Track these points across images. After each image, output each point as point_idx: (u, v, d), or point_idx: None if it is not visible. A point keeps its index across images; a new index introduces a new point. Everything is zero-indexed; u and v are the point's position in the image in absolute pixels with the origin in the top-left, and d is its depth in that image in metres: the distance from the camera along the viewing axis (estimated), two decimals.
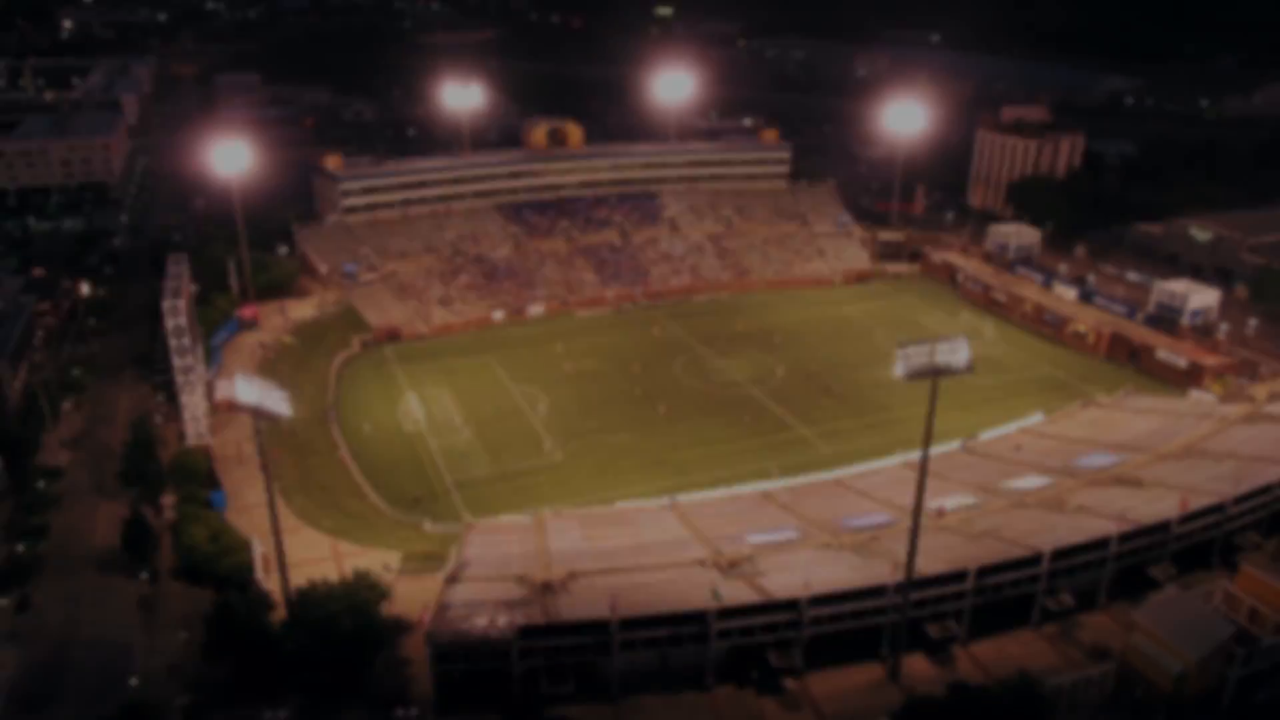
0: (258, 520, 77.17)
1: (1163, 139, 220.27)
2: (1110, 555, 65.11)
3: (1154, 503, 72.07)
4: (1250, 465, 76.95)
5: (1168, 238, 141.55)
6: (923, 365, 56.66)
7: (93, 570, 72.00)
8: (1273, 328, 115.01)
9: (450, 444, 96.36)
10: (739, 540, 73.84)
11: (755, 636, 58.74)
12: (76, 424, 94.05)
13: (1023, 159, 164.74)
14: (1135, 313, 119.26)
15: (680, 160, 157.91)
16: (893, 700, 58.27)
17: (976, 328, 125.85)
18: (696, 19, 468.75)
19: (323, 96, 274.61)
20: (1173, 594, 58.92)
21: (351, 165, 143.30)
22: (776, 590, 61.29)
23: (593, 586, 64.87)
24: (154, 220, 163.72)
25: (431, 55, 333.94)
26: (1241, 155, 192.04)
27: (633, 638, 56.68)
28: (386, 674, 60.68)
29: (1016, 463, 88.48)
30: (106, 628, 65.99)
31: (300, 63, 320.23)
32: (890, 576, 61.06)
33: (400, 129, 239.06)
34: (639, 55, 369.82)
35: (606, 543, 75.27)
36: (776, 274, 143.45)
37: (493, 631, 55.94)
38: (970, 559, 63.09)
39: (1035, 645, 63.56)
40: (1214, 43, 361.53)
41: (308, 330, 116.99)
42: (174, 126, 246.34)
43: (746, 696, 59.04)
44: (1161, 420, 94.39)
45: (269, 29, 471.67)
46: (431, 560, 73.94)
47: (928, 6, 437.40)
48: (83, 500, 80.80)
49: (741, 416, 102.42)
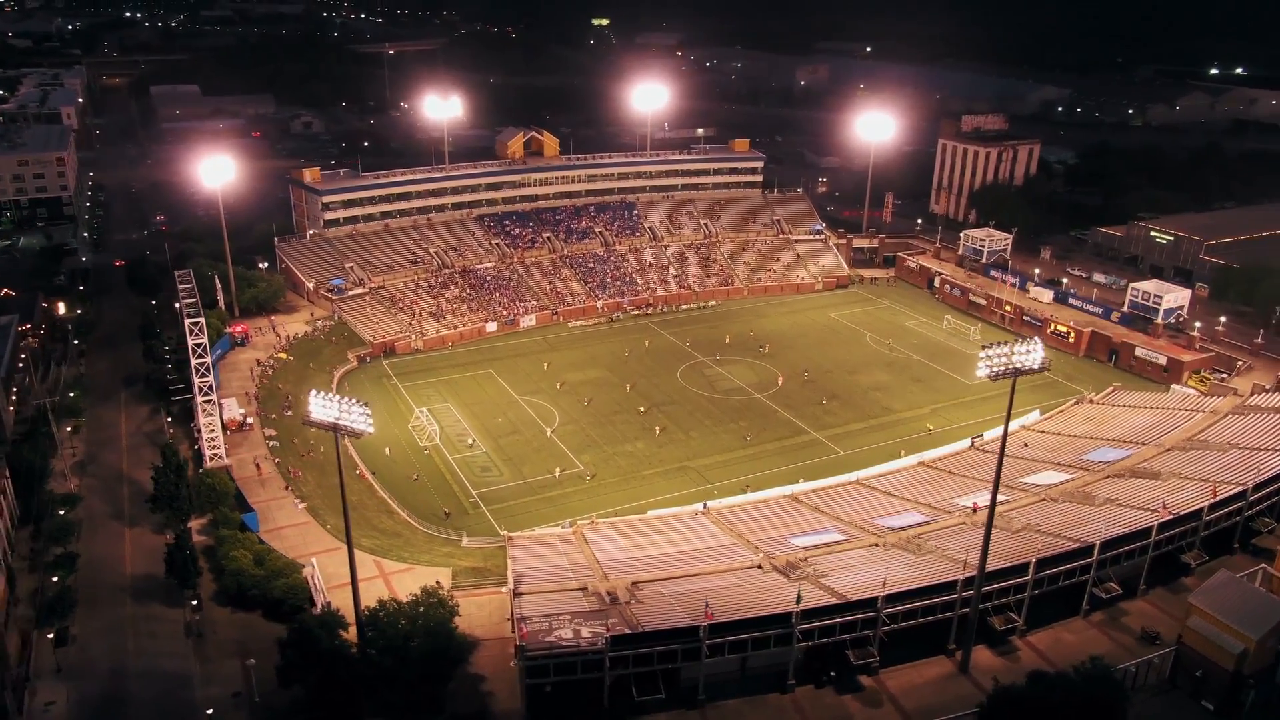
0: (293, 541, 75.93)
1: (1101, 146, 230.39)
2: (1151, 543, 68.07)
3: (1176, 493, 75.51)
4: (1256, 455, 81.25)
5: (1129, 240, 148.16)
6: (1003, 367, 58.39)
7: (129, 599, 69.36)
8: (1241, 324, 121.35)
9: (467, 458, 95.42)
10: (783, 543, 74.94)
11: (834, 636, 59.73)
12: (78, 448, 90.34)
13: (984, 166, 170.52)
14: (1111, 313, 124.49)
15: (656, 170, 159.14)
16: (965, 692, 60.01)
17: (961, 330, 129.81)
18: (633, 30, 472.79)
19: (267, 108, 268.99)
20: (1224, 578, 61.88)
21: (329, 178, 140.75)
22: (844, 590, 62.51)
23: (660, 594, 65.17)
24: (113, 236, 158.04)
25: (375, 66, 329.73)
26: (1179, 160, 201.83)
27: (720, 642, 57.17)
28: (462, 690, 59.98)
29: (1029, 459, 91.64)
30: (157, 658, 63.68)
31: (237, 73, 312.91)
32: (955, 573, 62.79)
33: (353, 140, 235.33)
34: (581, 65, 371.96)
35: (652, 550, 75.51)
36: (759, 281, 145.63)
37: (585, 642, 55.83)
38: (1027, 552, 65.26)
39: (1087, 633, 66.07)
40: (1136, 54, 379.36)
41: (302, 347, 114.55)
42: (115, 139, 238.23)
43: (826, 695, 60.05)
44: (1154, 415, 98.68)
45: (195, 38, 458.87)
46: (480, 575, 73.39)
47: (859, 19, 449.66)
48: (104, 527, 77.74)
49: (753, 422, 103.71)
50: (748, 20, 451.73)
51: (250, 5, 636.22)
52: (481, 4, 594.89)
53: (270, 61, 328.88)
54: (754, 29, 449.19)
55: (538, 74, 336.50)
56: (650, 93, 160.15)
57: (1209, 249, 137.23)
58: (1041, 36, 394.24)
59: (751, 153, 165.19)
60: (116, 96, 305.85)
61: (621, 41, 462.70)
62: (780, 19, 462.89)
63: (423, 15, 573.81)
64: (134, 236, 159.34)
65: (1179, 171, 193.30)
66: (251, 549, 70.81)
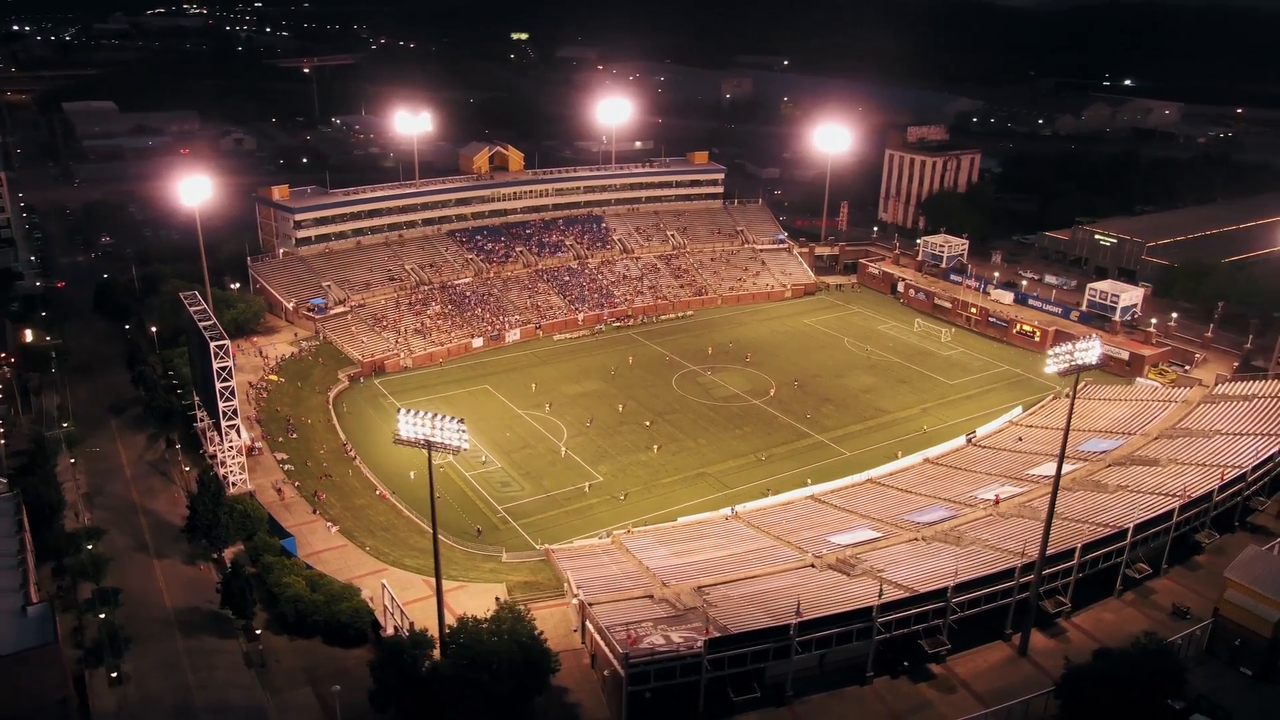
0: (334, 565, 74.65)
1: (1021, 155, 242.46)
2: (1173, 525, 72.80)
3: (1180, 477, 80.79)
4: (1240, 439, 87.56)
5: (1074, 244, 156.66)
6: (1069, 363, 61.94)
7: (177, 633, 67.01)
8: (1187, 320, 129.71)
9: (484, 474, 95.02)
10: (823, 542, 77.28)
11: (909, 627, 62.15)
12: (80, 480, 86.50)
13: (930, 175, 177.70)
14: (1070, 312, 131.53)
15: (620, 183, 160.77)
16: (1028, 673, 63.17)
17: (933, 333, 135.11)
18: (551, 44, 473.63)
19: (192, 124, 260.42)
20: (1254, 553, 66.71)
21: (297, 195, 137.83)
22: (909, 582, 65.04)
23: (728, 597, 66.58)
24: (58, 259, 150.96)
25: (296, 81, 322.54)
26: (1100, 167, 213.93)
27: (808, 639, 58.91)
28: (547, 704, 60.10)
29: (1027, 452, 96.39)
30: (223, 691, 61.82)
31: (149, 89, 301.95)
32: (1011, 561, 66.04)
33: (290, 157, 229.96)
34: (507, 79, 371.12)
35: (699, 556, 76.88)
36: (731, 290, 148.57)
37: (683, 647, 56.81)
38: (1073, 538, 68.99)
39: (1124, 611, 70.17)
40: (1037, 67, 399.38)
41: (291, 368, 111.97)
42: (34, 158, 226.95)
43: (902, 685, 62.33)
44: (1131, 407, 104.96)
45: (93, 52, 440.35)
46: (534, 589, 73.41)
47: (776, 34, 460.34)
48: (131, 561, 74.74)
49: (756, 427, 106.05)
50: (665, 35, 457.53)
51: (145, 19, 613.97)
52: (391, 18, 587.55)
53: (187, 77, 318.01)
54: (671, 43, 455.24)
55: (467, 89, 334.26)
56: (613, 107, 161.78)
57: (1150, 250, 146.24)
58: (948, 50, 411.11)
59: (711, 164, 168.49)
60: (24, 114, 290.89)
61: (541, 55, 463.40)
62: (696, 35, 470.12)
63: (332, 29, 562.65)
64: (79, 259, 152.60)
65: (1100, 177, 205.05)
66: (301, 574, 69.33)
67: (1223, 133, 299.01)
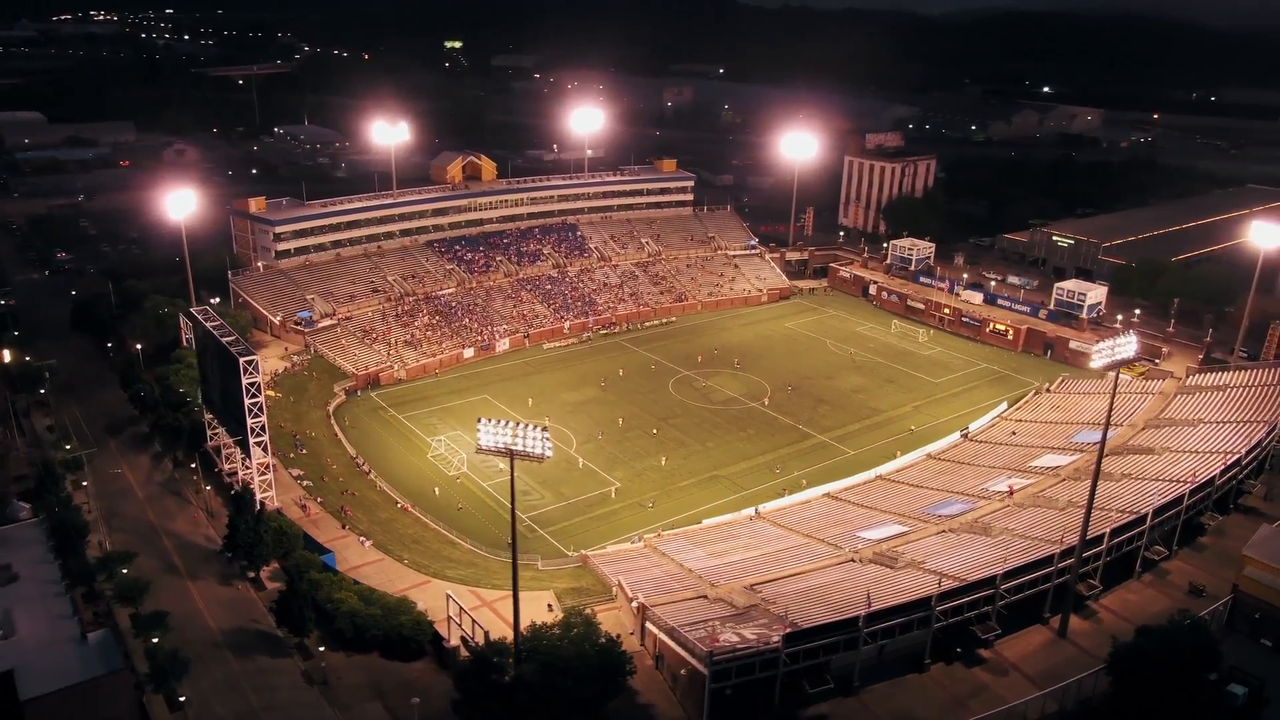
0: (376, 579, 74.09)
1: (959, 160, 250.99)
2: (1184, 509, 77.20)
3: (1178, 464, 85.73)
4: (1223, 426, 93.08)
5: (1033, 245, 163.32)
6: (1110, 360, 65.30)
7: (229, 654, 65.66)
8: (1151, 316, 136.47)
9: (502, 484, 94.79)
10: (854, 538, 79.74)
11: (962, 615, 64.72)
12: (93, 502, 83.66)
13: (889, 181, 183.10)
14: (1038, 310, 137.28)
15: (594, 191, 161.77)
16: (1071, 654, 66.39)
17: (910, 333, 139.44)
18: (486, 53, 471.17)
19: (128, 135, 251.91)
20: (1268, 532, 71.32)
21: (274, 208, 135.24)
22: (956, 572, 67.72)
23: (783, 593, 68.30)
24: (13, 275, 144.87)
25: (230, 90, 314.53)
26: (1042, 171, 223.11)
27: (874, 629, 60.97)
28: (619, 706, 60.84)
29: (1024, 445, 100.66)
30: (291, 712, 60.90)
31: (75, 99, 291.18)
32: (1050, 548, 69.25)
33: (238, 168, 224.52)
34: (447, 89, 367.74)
35: (736, 556, 78.50)
36: (710, 295, 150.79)
37: (762, 643, 58.25)
38: (1102, 524, 72.54)
39: (1145, 592, 74.18)
40: (965, 74, 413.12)
41: (287, 383, 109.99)
42: None
43: (957, 670, 64.86)
44: (1109, 399, 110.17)
45: (2, 60, 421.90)
46: (581, 594, 73.93)
47: (711, 42, 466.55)
48: (164, 583, 72.63)
49: (759, 429, 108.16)
50: (599, 45, 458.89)
51: (53, 25, 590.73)
52: (316, 25, 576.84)
53: (114, 87, 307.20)
54: (605, 52, 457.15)
55: (407, 98, 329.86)
56: (586, 116, 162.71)
57: (1106, 250, 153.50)
58: (877, 59, 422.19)
59: (680, 172, 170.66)
60: None
61: (475, 64, 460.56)
62: (630, 43, 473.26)
63: (255, 37, 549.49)
64: (34, 276, 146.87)
65: (1044, 181, 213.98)
66: (351, 589, 68.65)
67: (1143, 138, 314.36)
